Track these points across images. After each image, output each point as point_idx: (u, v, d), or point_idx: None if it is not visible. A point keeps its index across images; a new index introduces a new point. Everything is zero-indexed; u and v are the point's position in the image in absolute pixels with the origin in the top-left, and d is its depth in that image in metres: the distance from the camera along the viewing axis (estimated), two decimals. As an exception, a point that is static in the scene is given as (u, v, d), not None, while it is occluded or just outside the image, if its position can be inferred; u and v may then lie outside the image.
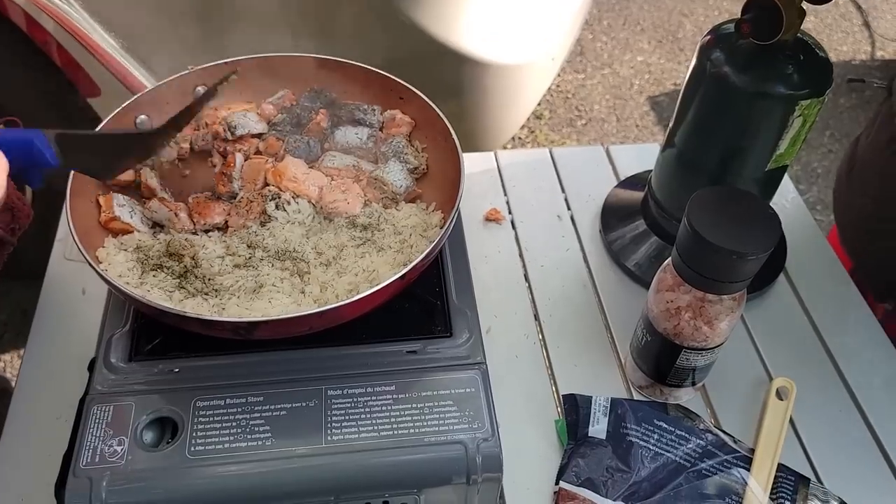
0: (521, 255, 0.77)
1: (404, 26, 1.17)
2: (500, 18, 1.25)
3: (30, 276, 0.75)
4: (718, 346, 0.59)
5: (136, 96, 0.64)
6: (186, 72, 0.66)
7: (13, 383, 1.06)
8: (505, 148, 1.53)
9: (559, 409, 0.64)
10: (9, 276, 0.65)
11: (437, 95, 0.67)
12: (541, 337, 0.70)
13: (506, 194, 0.83)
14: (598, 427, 0.60)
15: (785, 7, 0.55)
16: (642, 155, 0.87)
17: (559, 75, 2.19)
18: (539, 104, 2.09)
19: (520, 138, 2.04)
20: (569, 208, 0.82)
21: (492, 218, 0.79)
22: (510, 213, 0.81)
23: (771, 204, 0.64)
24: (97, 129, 0.58)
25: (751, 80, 0.59)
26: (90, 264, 0.51)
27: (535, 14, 1.31)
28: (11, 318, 1.52)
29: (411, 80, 0.68)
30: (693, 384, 0.63)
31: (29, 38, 1.17)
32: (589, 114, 2.13)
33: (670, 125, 0.69)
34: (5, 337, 1.50)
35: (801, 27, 0.59)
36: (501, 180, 0.84)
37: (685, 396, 0.65)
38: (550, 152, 0.88)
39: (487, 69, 1.24)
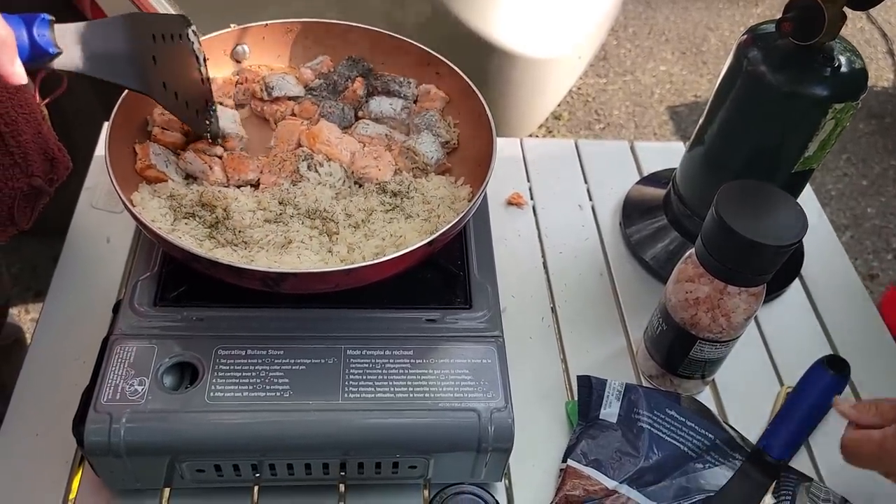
0: (540, 241, 0.78)
1: (436, 12, 1.18)
2: (531, 12, 1.26)
3: (45, 232, 0.75)
4: (733, 339, 0.60)
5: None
6: (228, 30, 0.67)
7: (27, 334, 1.07)
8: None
9: (569, 393, 0.65)
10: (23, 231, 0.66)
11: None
12: (555, 321, 0.70)
13: (529, 180, 0.84)
14: (610, 410, 0.61)
15: (827, 8, 0.55)
16: (666, 153, 0.88)
17: (581, 78, 2.19)
18: (559, 105, 2.10)
19: (538, 136, 2.05)
20: (590, 199, 0.83)
21: (514, 202, 0.80)
22: (532, 198, 0.82)
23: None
24: None
25: (786, 80, 0.60)
26: (125, 206, 0.52)
27: (566, 10, 1.32)
28: (22, 272, 1.53)
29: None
30: (703, 377, 0.64)
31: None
32: (608, 118, 2.14)
33: (700, 122, 0.70)
34: (14, 290, 1.50)
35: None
36: (525, 166, 0.85)
37: (694, 389, 0.65)
38: (576, 144, 0.89)
39: (516, 61, 1.25)
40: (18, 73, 0.43)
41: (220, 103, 0.64)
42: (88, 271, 0.68)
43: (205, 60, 0.59)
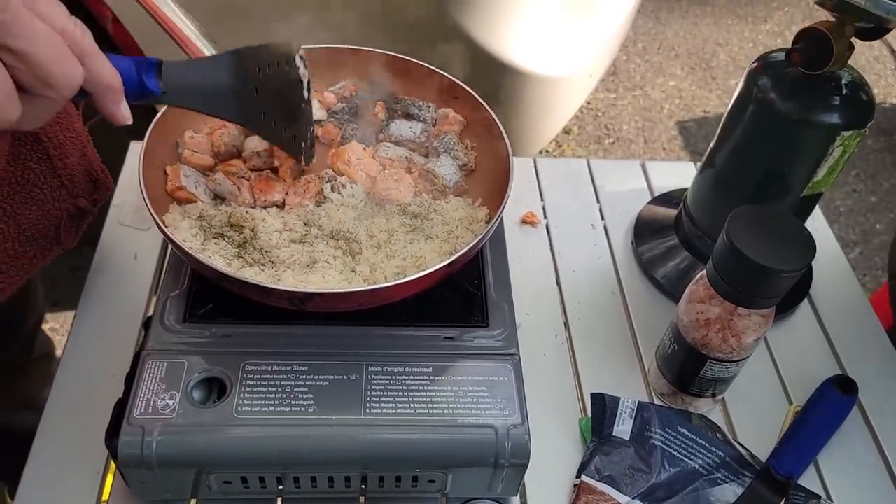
0: (553, 259, 0.79)
1: (449, 30, 1.20)
2: (543, 31, 1.28)
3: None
4: (743, 359, 0.61)
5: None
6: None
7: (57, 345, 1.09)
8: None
9: (583, 409, 0.66)
10: None
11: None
12: (568, 338, 0.72)
13: (542, 199, 0.86)
14: (623, 427, 0.62)
15: (835, 39, 0.57)
16: (677, 172, 0.90)
17: (591, 93, 2.21)
18: (569, 120, 2.12)
19: (548, 151, 2.07)
20: (602, 218, 0.85)
21: (528, 221, 0.82)
22: (545, 217, 0.84)
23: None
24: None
25: (795, 108, 0.61)
26: (160, 227, 0.54)
27: (576, 29, 1.34)
28: (41, 284, 1.55)
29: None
30: (713, 395, 0.65)
31: (89, 11, 1.21)
32: (617, 133, 2.16)
33: (711, 145, 0.72)
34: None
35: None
36: (539, 186, 0.87)
37: (705, 407, 0.67)
38: (588, 163, 0.91)
39: (528, 80, 1.27)
40: (124, 115, 0.45)
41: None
42: (116, 287, 0.71)
43: (309, 84, 0.58)
